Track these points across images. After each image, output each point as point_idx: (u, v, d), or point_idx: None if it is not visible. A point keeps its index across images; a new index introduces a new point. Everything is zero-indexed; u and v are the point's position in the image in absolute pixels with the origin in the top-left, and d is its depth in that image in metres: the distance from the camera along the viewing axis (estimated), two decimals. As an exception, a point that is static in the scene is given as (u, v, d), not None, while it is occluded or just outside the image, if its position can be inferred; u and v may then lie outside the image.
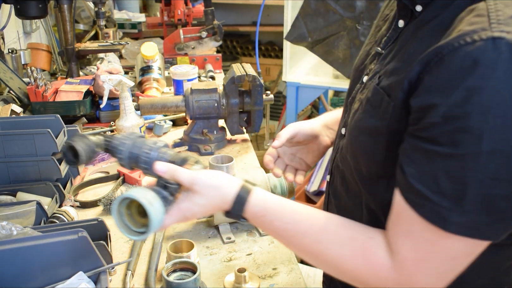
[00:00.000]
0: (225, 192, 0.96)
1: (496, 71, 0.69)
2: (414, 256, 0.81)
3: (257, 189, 0.97)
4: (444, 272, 0.81)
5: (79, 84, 2.06)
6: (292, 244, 0.96)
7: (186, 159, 1.02)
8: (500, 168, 0.71)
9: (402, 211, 0.81)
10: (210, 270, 1.23)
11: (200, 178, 0.96)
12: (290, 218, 0.94)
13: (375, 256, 0.85)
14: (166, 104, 1.86)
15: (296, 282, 1.18)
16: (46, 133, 1.41)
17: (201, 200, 0.95)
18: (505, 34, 0.70)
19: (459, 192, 0.73)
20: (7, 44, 2.39)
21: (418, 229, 0.79)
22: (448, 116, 0.72)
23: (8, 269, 0.98)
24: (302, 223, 0.93)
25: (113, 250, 1.29)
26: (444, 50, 0.74)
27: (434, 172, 0.75)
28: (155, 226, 0.92)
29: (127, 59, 2.90)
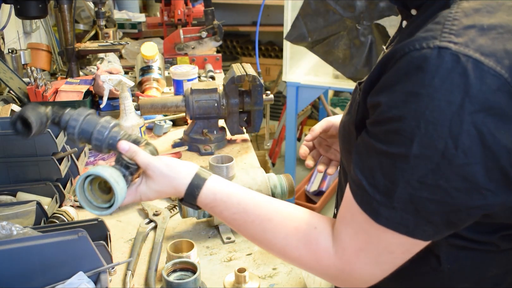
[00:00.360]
0: (178, 183, 1.01)
1: (435, 79, 0.70)
2: (354, 245, 0.84)
3: (210, 179, 1.01)
4: (382, 263, 0.84)
5: (79, 84, 2.06)
6: (241, 232, 1.01)
7: (138, 140, 1.06)
8: (428, 173, 0.72)
9: (348, 200, 0.85)
10: (210, 270, 1.23)
11: (155, 165, 1.01)
12: (237, 208, 0.98)
13: (318, 244, 0.89)
14: (166, 104, 1.86)
15: (296, 282, 1.18)
16: (46, 133, 1.41)
17: (155, 186, 1.01)
18: (452, 45, 0.71)
19: (389, 189, 0.76)
20: (7, 44, 2.39)
21: (358, 219, 0.82)
22: (387, 116, 0.75)
23: (8, 269, 0.98)
24: (249, 213, 0.97)
25: (113, 250, 1.29)
26: (397, 53, 0.76)
27: (372, 165, 0.78)
28: (119, 203, 0.98)
29: (127, 59, 2.90)
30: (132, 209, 1.50)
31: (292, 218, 0.94)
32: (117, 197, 0.97)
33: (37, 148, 1.42)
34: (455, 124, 0.69)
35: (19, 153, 1.42)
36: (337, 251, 0.86)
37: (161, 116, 2.05)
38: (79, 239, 1.00)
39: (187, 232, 1.39)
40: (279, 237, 0.93)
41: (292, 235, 0.92)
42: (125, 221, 1.44)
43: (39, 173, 1.44)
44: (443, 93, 0.70)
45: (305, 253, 0.90)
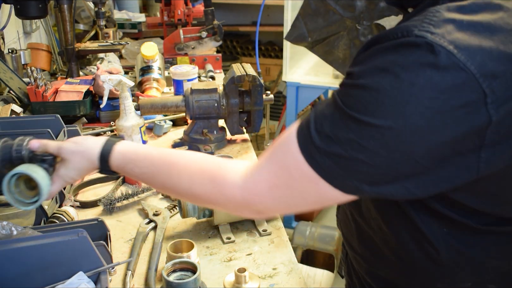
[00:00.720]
0: (89, 153, 1.08)
1: (405, 62, 0.74)
2: (271, 181, 0.87)
3: (119, 143, 1.09)
4: (291, 205, 0.90)
5: (79, 84, 2.06)
6: (152, 184, 1.09)
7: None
8: (371, 140, 0.76)
9: (288, 139, 0.86)
10: (210, 270, 1.23)
11: (65, 146, 1.09)
12: (144, 162, 1.04)
13: (225, 179, 0.93)
14: (166, 104, 1.86)
15: (296, 282, 1.18)
16: (46, 133, 1.41)
17: (72, 165, 1.09)
18: (428, 34, 0.73)
19: (331, 140, 0.79)
20: (7, 44, 2.39)
21: (289, 159, 0.84)
22: (353, 82, 0.80)
23: (8, 269, 0.98)
24: (155, 164, 1.03)
25: (113, 250, 1.29)
26: (380, 39, 0.79)
27: (326, 114, 0.82)
28: (45, 191, 1.05)
29: (127, 59, 2.90)
30: (132, 209, 1.50)
31: (196, 160, 1.00)
32: (40, 184, 1.04)
33: (37, 148, 1.42)
34: (412, 104, 0.73)
35: (19, 153, 1.42)
36: (246, 183, 0.90)
37: (161, 116, 2.05)
38: (79, 239, 1.00)
39: (187, 232, 1.39)
40: (185, 178, 0.98)
41: (197, 174, 0.97)
42: (125, 221, 1.44)
43: (39, 173, 1.43)
44: (409, 75, 0.73)
45: (210, 187, 0.94)
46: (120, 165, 1.07)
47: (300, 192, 0.86)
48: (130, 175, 1.09)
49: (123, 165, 1.07)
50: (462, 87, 0.72)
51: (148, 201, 1.51)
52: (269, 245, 1.32)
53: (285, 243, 1.33)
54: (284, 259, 1.26)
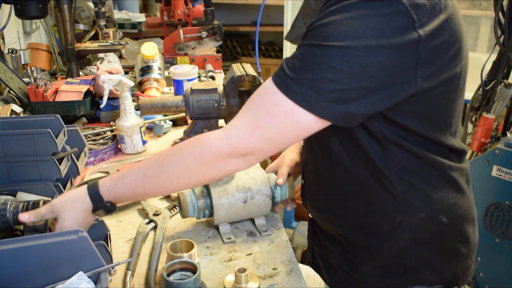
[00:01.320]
0: (78, 197, 1.12)
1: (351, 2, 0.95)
2: (253, 123, 1.01)
3: (99, 179, 1.13)
4: (272, 142, 1.02)
5: (79, 84, 2.06)
6: (147, 186, 1.10)
7: (35, 202, 1.19)
8: (335, 59, 0.93)
9: (264, 87, 1.02)
10: (210, 270, 1.23)
11: (55, 204, 1.12)
12: (131, 171, 1.11)
13: (208, 137, 1.06)
14: (166, 104, 1.86)
15: (296, 282, 1.18)
16: (46, 133, 1.41)
17: (68, 216, 1.11)
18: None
19: (302, 69, 0.96)
20: (7, 44, 2.39)
21: (267, 100, 1.00)
22: (315, 24, 0.98)
23: (8, 269, 0.98)
24: (142, 166, 1.11)
25: (113, 250, 1.29)
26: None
27: (294, 55, 0.99)
28: None
29: (127, 59, 2.90)
30: (132, 209, 1.50)
31: (178, 144, 1.10)
32: None
33: (37, 148, 1.42)
34: (362, 27, 0.93)
35: (19, 153, 1.42)
36: (230, 132, 1.03)
37: (161, 116, 2.06)
38: (79, 239, 1.00)
39: (187, 232, 1.39)
40: (174, 158, 1.08)
41: (184, 148, 1.08)
42: (125, 221, 1.44)
43: (39, 173, 1.43)
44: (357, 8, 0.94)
45: (199, 151, 1.05)
46: (110, 187, 1.11)
47: (280, 127, 0.99)
48: (122, 192, 1.11)
49: (113, 186, 1.11)
50: (397, 14, 0.92)
51: (148, 201, 1.51)
52: (269, 245, 1.32)
53: (285, 243, 1.33)
54: (284, 259, 1.26)
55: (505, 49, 2.20)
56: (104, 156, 1.80)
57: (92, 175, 1.70)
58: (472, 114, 2.44)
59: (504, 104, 2.29)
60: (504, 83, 2.26)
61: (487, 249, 2.30)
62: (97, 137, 1.91)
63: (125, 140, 1.83)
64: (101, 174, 1.71)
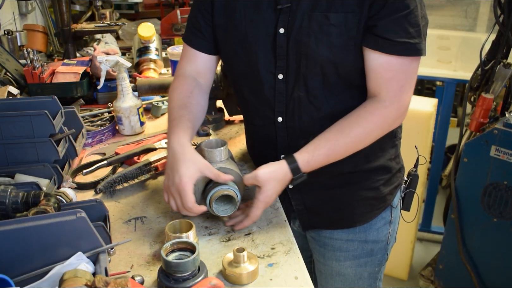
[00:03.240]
0: (280, 172, 1.27)
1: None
2: (400, 87, 1.27)
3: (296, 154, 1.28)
4: (412, 87, 1.31)
5: (76, 66, 2.05)
6: (336, 159, 1.30)
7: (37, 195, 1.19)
8: (420, 12, 1.22)
9: (385, 66, 1.24)
10: (209, 250, 1.23)
11: (260, 174, 1.26)
12: (323, 149, 1.28)
13: (379, 109, 1.28)
14: (163, 85, 1.86)
15: (294, 262, 1.19)
16: (43, 115, 1.41)
17: (272, 186, 1.27)
18: None
19: (418, 31, 1.22)
20: (2, 26, 2.37)
21: (399, 69, 1.25)
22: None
23: (7, 250, 0.98)
24: (329, 145, 1.28)
25: (112, 231, 1.29)
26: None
27: (400, 28, 1.21)
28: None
29: (124, 40, 2.88)
30: (131, 190, 1.50)
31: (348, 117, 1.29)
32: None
33: (35, 130, 1.42)
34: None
35: (16, 134, 1.42)
36: (389, 102, 1.27)
37: (159, 97, 2.05)
38: (77, 219, 1.00)
39: (186, 213, 1.39)
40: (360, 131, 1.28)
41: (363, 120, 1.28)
42: (124, 202, 1.44)
43: (36, 154, 1.43)
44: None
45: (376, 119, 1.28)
46: (309, 159, 1.27)
47: (412, 75, 1.29)
48: (318, 163, 1.29)
49: (311, 158, 1.27)
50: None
51: (146, 182, 1.51)
52: (267, 225, 1.33)
53: (283, 223, 1.34)
54: (282, 238, 1.27)
55: (504, 28, 2.19)
56: (102, 137, 1.80)
57: (89, 156, 1.70)
58: (471, 94, 2.43)
59: (503, 84, 2.28)
60: (503, 63, 2.25)
61: (485, 229, 2.31)
62: (95, 119, 1.91)
63: (122, 121, 1.82)
64: (99, 156, 1.71)
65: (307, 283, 1.13)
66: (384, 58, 1.24)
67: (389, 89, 1.26)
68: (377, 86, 1.27)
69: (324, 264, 1.58)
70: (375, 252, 1.53)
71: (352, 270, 1.54)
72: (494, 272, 2.35)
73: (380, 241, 1.52)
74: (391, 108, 1.28)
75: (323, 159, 1.29)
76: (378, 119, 1.28)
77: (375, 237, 1.51)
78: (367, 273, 1.56)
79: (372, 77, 1.27)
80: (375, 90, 1.28)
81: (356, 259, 1.52)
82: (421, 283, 2.82)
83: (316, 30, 1.23)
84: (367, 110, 1.28)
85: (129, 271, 1.17)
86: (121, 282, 0.91)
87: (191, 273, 1.06)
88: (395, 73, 1.25)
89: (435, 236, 3.34)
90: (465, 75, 2.95)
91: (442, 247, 2.60)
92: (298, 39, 1.26)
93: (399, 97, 1.28)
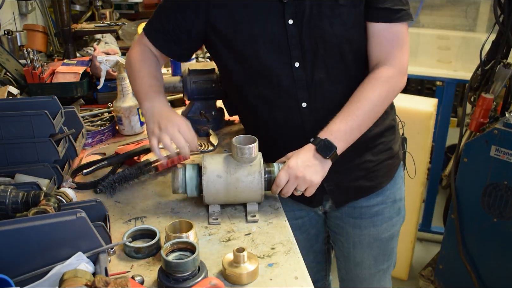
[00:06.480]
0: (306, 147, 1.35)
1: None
2: (400, 48, 1.40)
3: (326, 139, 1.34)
4: (408, 49, 1.43)
5: (76, 66, 2.05)
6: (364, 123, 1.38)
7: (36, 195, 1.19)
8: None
9: (386, 33, 1.38)
10: (209, 250, 1.23)
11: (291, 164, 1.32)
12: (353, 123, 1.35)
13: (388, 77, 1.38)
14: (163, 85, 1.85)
15: (294, 262, 1.19)
16: (43, 115, 1.41)
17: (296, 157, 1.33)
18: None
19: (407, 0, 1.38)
20: (2, 26, 2.37)
21: (398, 34, 1.39)
22: None
23: (8, 249, 0.98)
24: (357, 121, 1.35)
25: (112, 231, 1.29)
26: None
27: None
28: None
29: (124, 40, 2.88)
30: (131, 190, 1.50)
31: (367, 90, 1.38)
32: None
33: (35, 130, 1.42)
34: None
35: (16, 134, 1.42)
36: (390, 64, 1.38)
37: (159, 97, 2.04)
38: (77, 219, 1.00)
39: (186, 213, 1.39)
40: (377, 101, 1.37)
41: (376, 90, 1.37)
42: (124, 202, 1.44)
43: (36, 154, 1.43)
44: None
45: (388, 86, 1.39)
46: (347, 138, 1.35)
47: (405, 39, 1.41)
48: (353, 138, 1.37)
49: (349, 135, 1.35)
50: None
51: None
52: (267, 225, 1.33)
53: (283, 223, 1.34)
54: (282, 238, 1.27)
55: (504, 28, 2.19)
56: (102, 137, 1.80)
57: (89, 156, 1.70)
58: (471, 94, 2.43)
59: (503, 84, 2.28)
60: (503, 63, 2.25)
61: (485, 229, 2.31)
62: (95, 119, 1.91)
63: (123, 121, 1.82)
64: (99, 156, 1.71)
65: (307, 283, 1.13)
66: (385, 26, 1.37)
67: (390, 52, 1.39)
68: (379, 51, 1.39)
69: (361, 235, 1.67)
70: (400, 209, 1.68)
71: (387, 232, 1.67)
72: (494, 272, 2.35)
73: (402, 198, 1.69)
74: (394, 69, 1.39)
75: (357, 134, 1.37)
76: (386, 82, 1.38)
77: (400, 195, 1.66)
78: (396, 232, 1.71)
79: (374, 44, 1.40)
80: (378, 56, 1.40)
81: (390, 220, 1.65)
82: (421, 283, 2.82)
83: (329, 14, 1.33)
84: (374, 77, 1.39)
85: (129, 271, 1.17)
86: (121, 282, 0.91)
87: (191, 273, 1.06)
88: (394, 38, 1.39)
89: (435, 236, 3.34)
90: (465, 75, 2.94)
91: (442, 247, 2.59)
92: (311, 26, 1.34)
93: (400, 58, 1.39)
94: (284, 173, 1.32)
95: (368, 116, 1.38)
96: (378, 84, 1.38)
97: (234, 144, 1.34)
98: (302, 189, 1.33)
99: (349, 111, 1.36)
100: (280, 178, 1.32)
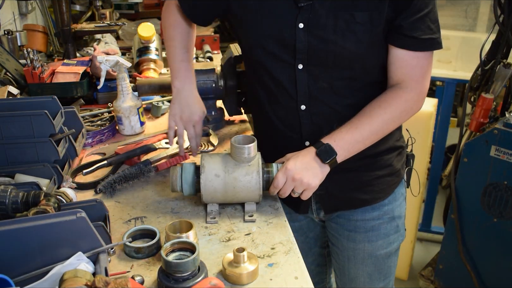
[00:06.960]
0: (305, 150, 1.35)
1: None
2: (423, 74, 1.38)
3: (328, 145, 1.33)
4: (430, 74, 1.40)
5: (76, 66, 2.05)
6: (372, 140, 1.38)
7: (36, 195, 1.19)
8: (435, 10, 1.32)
9: (410, 59, 1.34)
10: (209, 250, 1.23)
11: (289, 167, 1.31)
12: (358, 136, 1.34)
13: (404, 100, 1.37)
14: (163, 85, 1.85)
15: (294, 262, 1.19)
16: (43, 115, 1.41)
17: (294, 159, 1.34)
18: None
19: (438, 26, 1.33)
20: (3, 26, 2.37)
21: (422, 61, 1.36)
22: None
23: (8, 249, 0.98)
24: (361, 134, 1.34)
25: (112, 231, 1.29)
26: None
27: (422, 25, 1.30)
28: None
29: (124, 40, 2.88)
30: (131, 190, 1.50)
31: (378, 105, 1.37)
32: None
33: (35, 130, 1.42)
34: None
35: (16, 134, 1.42)
36: (411, 88, 1.36)
37: (159, 97, 2.05)
38: (77, 219, 1.00)
39: (186, 213, 1.39)
40: (387, 118, 1.37)
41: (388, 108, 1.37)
42: (124, 202, 1.44)
43: (36, 154, 1.43)
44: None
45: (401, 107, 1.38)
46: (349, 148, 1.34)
47: (430, 67, 1.39)
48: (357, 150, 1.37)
49: (351, 147, 1.35)
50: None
51: (146, 182, 1.51)
52: (267, 225, 1.33)
53: (283, 223, 1.34)
54: (282, 238, 1.27)
55: (504, 28, 2.19)
56: (102, 137, 1.80)
57: (88, 156, 1.70)
58: (471, 94, 2.43)
59: (503, 84, 2.28)
60: (503, 63, 2.25)
61: (485, 229, 2.31)
62: (95, 119, 1.91)
63: (123, 121, 1.82)
64: (99, 156, 1.71)
65: (307, 283, 1.13)
66: (410, 54, 1.34)
67: (412, 77, 1.36)
68: (401, 75, 1.36)
69: (355, 249, 1.62)
70: (399, 227, 1.62)
71: (383, 249, 1.62)
72: (494, 272, 2.35)
73: (402, 216, 1.63)
74: (413, 94, 1.37)
75: (361, 146, 1.37)
76: (402, 104, 1.37)
77: (399, 212, 1.60)
78: (394, 250, 1.65)
79: (396, 67, 1.36)
80: (399, 78, 1.37)
81: (387, 237, 1.60)
82: (421, 283, 2.82)
83: (344, 28, 1.29)
84: (391, 96, 1.37)
85: (129, 271, 1.17)
86: (121, 282, 0.91)
87: (191, 273, 1.06)
88: (418, 63, 1.35)
89: (435, 236, 3.34)
90: (465, 75, 2.94)
91: (442, 247, 2.59)
92: (324, 37, 1.31)
93: (421, 83, 1.38)
94: (282, 174, 1.32)
95: (375, 134, 1.37)
96: (394, 104, 1.37)
97: (232, 144, 1.34)
98: (299, 191, 1.33)
99: (357, 124, 1.35)
100: (278, 179, 1.32)
